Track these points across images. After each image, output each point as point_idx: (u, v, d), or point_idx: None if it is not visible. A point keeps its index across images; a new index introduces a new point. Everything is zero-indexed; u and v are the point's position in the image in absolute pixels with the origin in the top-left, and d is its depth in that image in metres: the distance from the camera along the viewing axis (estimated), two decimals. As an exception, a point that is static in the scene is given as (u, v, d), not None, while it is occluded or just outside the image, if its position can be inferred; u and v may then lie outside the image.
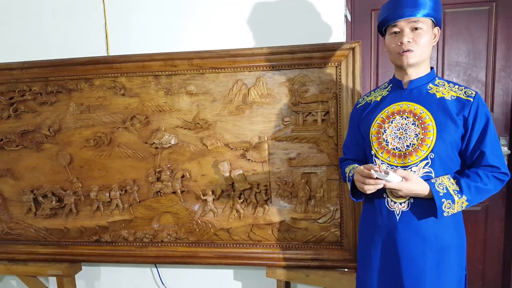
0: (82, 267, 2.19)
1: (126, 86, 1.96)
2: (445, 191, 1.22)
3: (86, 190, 2.07)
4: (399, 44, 1.28)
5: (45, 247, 2.15)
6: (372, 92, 1.49)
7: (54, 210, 2.11)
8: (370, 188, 1.25)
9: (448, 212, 1.23)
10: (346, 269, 1.92)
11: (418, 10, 1.25)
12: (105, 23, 2.05)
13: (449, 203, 1.22)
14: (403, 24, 1.27)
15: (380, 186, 1.24)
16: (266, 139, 1.88)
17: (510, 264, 2.11)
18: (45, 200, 2.10)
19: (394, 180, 1.21)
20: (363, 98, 1.50)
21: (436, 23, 1.31)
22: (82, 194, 2.08)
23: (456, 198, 1.22)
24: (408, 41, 1.26)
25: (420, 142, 1.27)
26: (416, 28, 1.27)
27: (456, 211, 1.24)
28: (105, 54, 2.06)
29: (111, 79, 1.97)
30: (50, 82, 2.01)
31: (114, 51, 2.05)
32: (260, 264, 1.96)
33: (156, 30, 2.02)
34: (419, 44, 1.27)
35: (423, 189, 1.23)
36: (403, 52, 1.28)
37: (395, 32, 1.30)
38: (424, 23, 1.27)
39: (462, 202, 1.23)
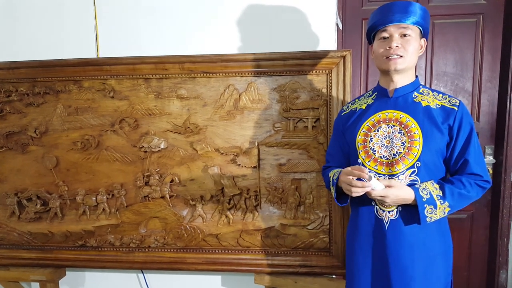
0: (67, 272, 2.14)
1: (116, 89, 1.94)
2: (429, 196, 1.23)
3: (72, 193, 2.03)
4: (388, 48, 1.28)
5: (28, 252, 2.09)
6: (357, 99, 1.49)
7: (38, 213, 2.06)
8: (357, 191, 1.24)
9: (430, 217, 1.24)
10: (334, 276, 1.93)
11: (408, 17, 1.26)
12: (96, 24, 2.03)
13: (431, 208, 1.23)
14: (393, 30, 1.28)
15: (368, 189, 1.23)
16: (256, 144, 1.88)
17: (494, 271, 2.14)
18: (30, 204, 2.05)
19: (377, 187, 1.22)
20: (348, 106, 1.51)
21: (423, 34, 1.33)
22: (68, 197, 2.03)
23: (438, 203, 1.23)
24: (397, 46, 1.27)
25: (407, 150, 1.28)
26: (405, 35, 1.28)
27: (438, 217, 1.25)
28: (95, 56, 2.04)
29: (100, 81, 1.94)
30: (38, 83, 1.97)
31: (104, 53, 2.03)
32: (249, 270, 1.95)
33: (147, 33, 2.01)
34: (407, 50, 1.28)
35: (408, 194, 1.24)
36: (391, 57, 1.28)
37: (384, 38, 1.30)
38: (413, 30, 1.28)
39: (444, 208, 1.25)
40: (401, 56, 1.28)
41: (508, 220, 2.08)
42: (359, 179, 1.24)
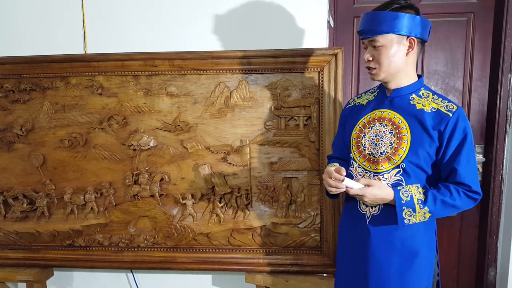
0: (54, 272, 2.10)
1: (104, 86, 1.90)
2: (409, 199, 1.24)
3: (60, 192, 1.99)
4: (365, 61, 1.31)
5: (15, 252, 2.05)
6: (363, 94, 1.50)
7: (25, 213, 2.02)
8: (331, 190, 1.30)
9: (409, 220, 1.25)
10: (325, 274, 1.92)
11: (373, 29, 1.24)
12: (83, 19, 1.99)
13: (410, 212, 1.24)
14: (366, 42, 1.30)
15: (342, 190, 1.27)
16: (247, 143, 1.87)
17: (484, 269, 2.16)
18: (16, 203, 2.01)
19: (354, 186, 1.26)
20: (353, 99, 1.52)
21: (408, 32, 1.22)
22: (55, 196, 1.99)
23: (417, 207, 1.24)
24: (368, 60, 1.29)
25: (394, 151, 1.28)
26: (375, 46, 1.26)
27: (418, 220, 1.25)
28: (83, 52, 2.00)
29: (88, 78, 1.90)
30: (24, 80, 1.92)
31: (92, 49, 1.99)
32: (240, 269, 1.93)
33: (136, 29, 1.97)
34: (380, 61, 1.26)
35: (386, 193, 1.25)
36: (368, 70, 1.32)
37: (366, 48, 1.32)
38: (384, 38, 1.23)
39: (424, 213, 1.24)
40: (375, 68, 1.29)
41: (498, 218, 2.10)
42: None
